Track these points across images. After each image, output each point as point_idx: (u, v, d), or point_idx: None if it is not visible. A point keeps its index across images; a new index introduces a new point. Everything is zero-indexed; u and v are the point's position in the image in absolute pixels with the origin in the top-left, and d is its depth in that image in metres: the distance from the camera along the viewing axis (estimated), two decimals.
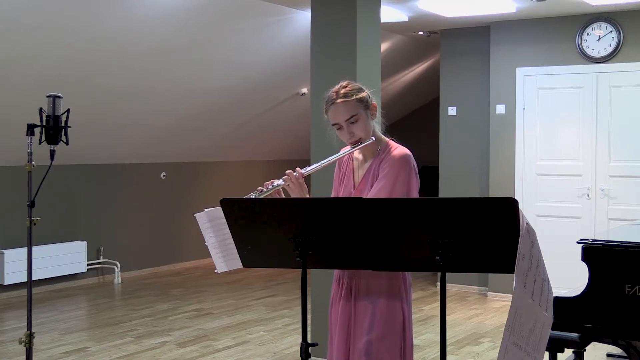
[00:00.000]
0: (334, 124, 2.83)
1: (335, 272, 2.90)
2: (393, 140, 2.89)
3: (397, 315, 2.74)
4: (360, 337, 2.73)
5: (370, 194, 2.75)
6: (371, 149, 2.85)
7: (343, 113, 2.78)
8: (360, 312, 2.76)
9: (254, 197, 2.73)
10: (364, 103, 2.81)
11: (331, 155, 2.89)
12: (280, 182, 2.79)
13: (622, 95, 6.91)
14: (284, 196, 2.82)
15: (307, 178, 2.91)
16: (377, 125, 2.90)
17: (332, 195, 2.99)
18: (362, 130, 2.79)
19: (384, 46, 8.26)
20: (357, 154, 2.92)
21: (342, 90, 2.81)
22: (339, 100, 2.78)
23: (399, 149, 2.81)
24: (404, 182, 2.71)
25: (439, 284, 7.21)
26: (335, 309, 2.87)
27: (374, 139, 2.81)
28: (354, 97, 2.79)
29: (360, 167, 2.90)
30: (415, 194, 2.75)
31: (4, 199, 7.40)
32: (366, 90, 2.86)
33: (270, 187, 2.78)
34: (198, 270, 9.17)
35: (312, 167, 2.86)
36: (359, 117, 2.78)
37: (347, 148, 2.86)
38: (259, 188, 2.79)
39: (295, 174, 2.79)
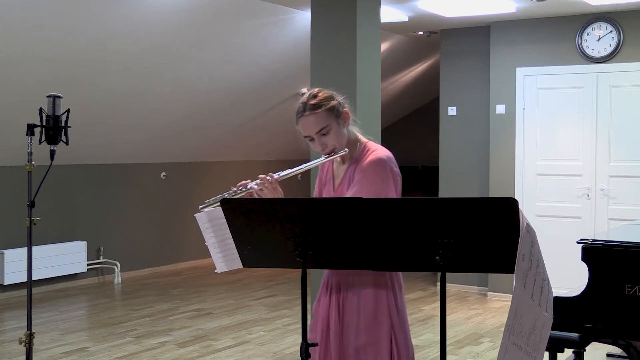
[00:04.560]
0: (305, 136, 2.76)
1: (324, 274, 2.86)
2: (372, 140, 2.82)
3: (384, 321, 2.69)
4: (349, 343, 2.71)
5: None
6: (349, 152, 2.78)
7: (313, 125, 2.70)
8: (348, 315, 2.72)
9: (227, 197, 2.65)
10: (335, 112, 2.71)
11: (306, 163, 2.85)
12: (253, 184, 2.75)
13: (622, 95, 6.91)
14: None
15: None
16: (355, 127, 2.82)
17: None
18: (335, 140, 2.72)
19: (384, 46, 8.26)
20: (336, 158, 2.86)
21: (311, 101, 2.71)
22: (307, 113, 2.70)
23: (375, 153, 2.72)
24: (379, 187, 2.65)
25: (439, 284, 7.21)
26: (322, 302, 2.83)
27: (347, 150, 2.74)
28: (323, 108, 2.69)
29: (338, 168, 2.86)
30: (392, 195, 2.67)
31: (4, 199, 7.40)
32: (337, 98, 2.76)
33: (243, 189, 2.73)
34: (198, 270, 9.17)
35: (285, 172, 2.79)
36: (330, 128, 2.70)
37: (323, 157, 2.79)
38: (232, 188, 2.74)
39: (269, 178, 2.74)
